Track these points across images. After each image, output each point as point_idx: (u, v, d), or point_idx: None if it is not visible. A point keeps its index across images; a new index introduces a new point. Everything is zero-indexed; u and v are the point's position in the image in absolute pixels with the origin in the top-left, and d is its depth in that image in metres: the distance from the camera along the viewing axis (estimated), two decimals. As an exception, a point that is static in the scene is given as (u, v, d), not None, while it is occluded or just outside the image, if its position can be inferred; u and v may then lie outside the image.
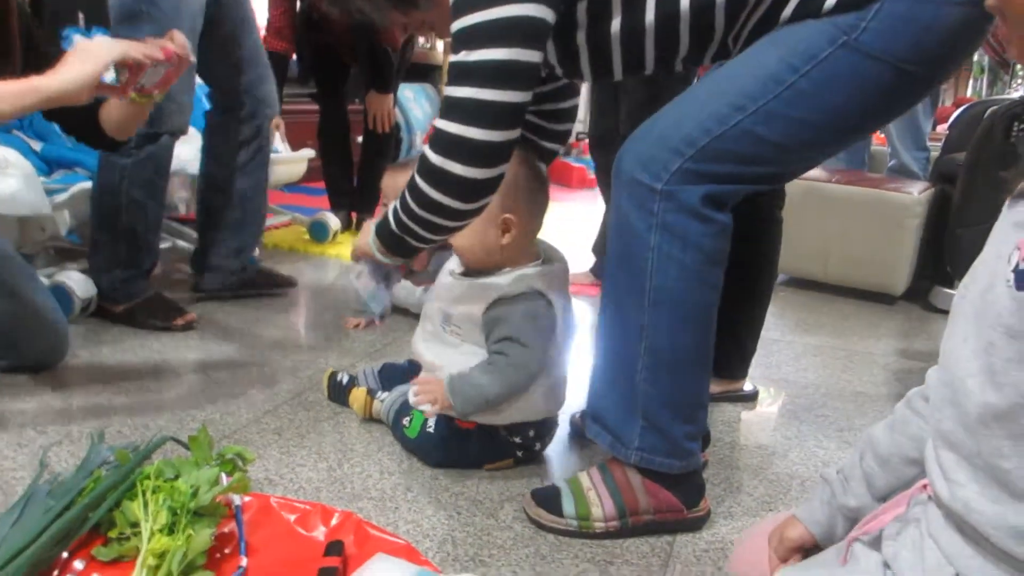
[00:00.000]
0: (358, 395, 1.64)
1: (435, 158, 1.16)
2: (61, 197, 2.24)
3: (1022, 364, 0.65)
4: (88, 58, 1.30)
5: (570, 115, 1.62)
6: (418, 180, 1.20)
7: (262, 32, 3.61)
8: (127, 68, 1.36)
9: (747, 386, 1.92)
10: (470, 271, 1.49)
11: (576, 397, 1.60)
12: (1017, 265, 0.66)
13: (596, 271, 2.89)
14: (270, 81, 2.41)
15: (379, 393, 1.63)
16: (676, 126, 1.19)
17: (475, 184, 1.17)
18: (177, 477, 1.18)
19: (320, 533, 1.19)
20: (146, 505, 1.14)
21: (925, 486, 0.78)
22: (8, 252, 1.78)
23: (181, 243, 2.72)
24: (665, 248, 1.18)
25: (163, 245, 2.71)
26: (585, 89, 2.65)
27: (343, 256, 3.04)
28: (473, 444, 1.48)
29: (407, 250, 1.33)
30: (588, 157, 6.23)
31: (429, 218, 1.22)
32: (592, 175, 5.87)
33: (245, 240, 2.46)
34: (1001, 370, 0.67)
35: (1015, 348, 0.66)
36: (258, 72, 2.36)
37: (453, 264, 1.53)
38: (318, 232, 3.29)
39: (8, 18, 1.54)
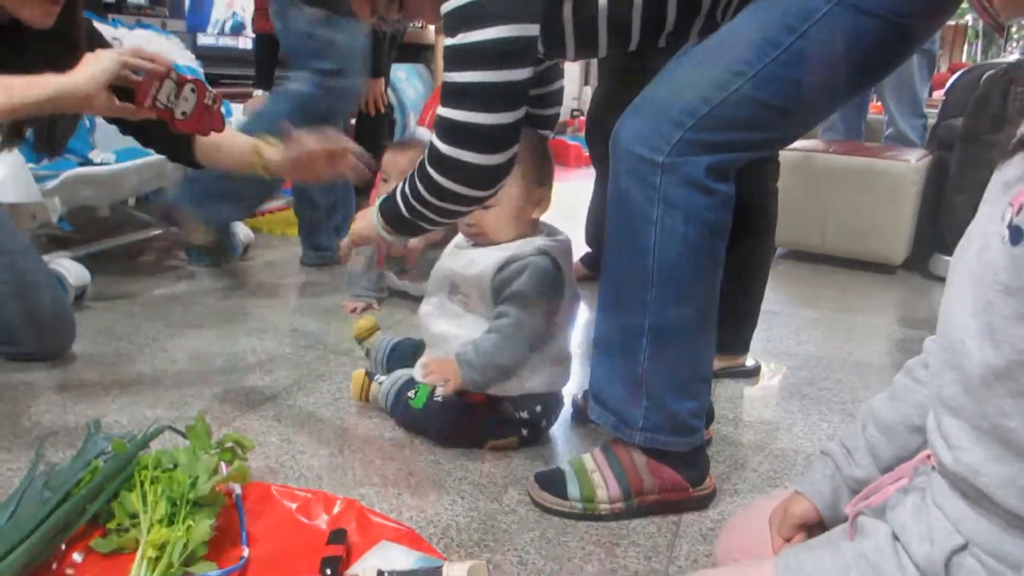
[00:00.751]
0: (357, 376, 1.61)
1: (444, 147, 1.13)
2: (51, 183, 2.21)
3: (1020, 321, 0.64)
4: (99, 61, 1.31)
5: (556, 99, 1.60)
6: (429, 170, 1.16)
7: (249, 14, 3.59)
8: (143, 81, 1.35)
9: (749, 361, 1.90)
10: (479, 243, 1.48)
11: (578, 377, 1.59)
12: (1011, 221, 0.65)
13: (587, 261, 2.63)
14: None
15: (377, 376, 1.61)
16: (674, 96, 1.16)
17: (490, 171, 1.14)
18: (175, 467, 1.17)
19: (322, 521, 1.17)
20: (145, 496, 1.12)
21: (928, 456, 0.77)
22: (20, 243, 1.77)
23: (176, 229, 2.68)
24: (668, 222, 1.15)
25: (157, 231, 2.71)
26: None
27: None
28: (480, 418, 1.46)
29: (417, 231, 1.30)
30: (584, 135, 6.25)
31: (443, 205, 1.19)
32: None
33: (340, 220, 2.71)
34: (1000, 328, 0.66)
35: (1012, 305, 0.65)
36: None
37: (459, 239, 1.52)
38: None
39: (75, 11, 1.52)
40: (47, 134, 1.62)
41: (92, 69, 1.29)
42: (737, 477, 1.43)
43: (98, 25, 2.91)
